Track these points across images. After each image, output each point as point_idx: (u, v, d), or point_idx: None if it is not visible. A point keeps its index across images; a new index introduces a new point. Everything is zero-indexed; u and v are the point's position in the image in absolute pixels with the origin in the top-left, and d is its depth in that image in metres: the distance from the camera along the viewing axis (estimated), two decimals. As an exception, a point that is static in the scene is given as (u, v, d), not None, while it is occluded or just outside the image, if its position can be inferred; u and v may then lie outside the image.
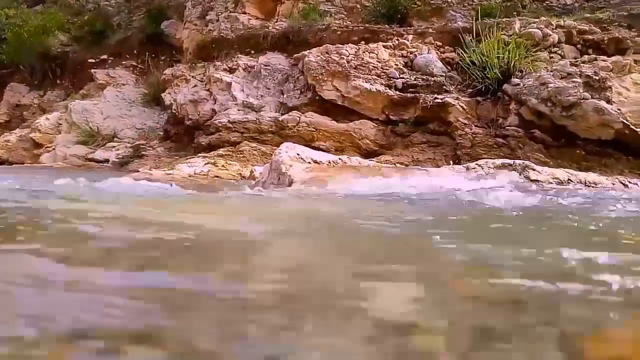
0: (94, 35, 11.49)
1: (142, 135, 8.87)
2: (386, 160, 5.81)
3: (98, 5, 12.70)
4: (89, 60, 10.96)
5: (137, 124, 9.17)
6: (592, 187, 4.02)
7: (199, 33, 9.26)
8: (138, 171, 6.27)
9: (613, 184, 4.33)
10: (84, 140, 8.72)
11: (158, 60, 10.25)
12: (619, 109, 5.32)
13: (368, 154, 6.16)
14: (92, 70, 10.58)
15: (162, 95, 8.66)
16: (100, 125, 8.94)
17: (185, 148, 7.83)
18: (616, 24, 6.61)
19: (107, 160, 8.08)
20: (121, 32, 11.71)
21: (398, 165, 5.46)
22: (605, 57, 6.02)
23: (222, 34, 8.69)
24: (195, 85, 8.22)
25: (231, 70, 7.84)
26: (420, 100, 6.24)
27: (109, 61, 10.96)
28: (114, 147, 8.47)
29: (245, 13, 8.96)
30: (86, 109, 9.26)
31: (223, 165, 6.13)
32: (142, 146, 8.26)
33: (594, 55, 6.15)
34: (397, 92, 6.43)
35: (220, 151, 6.79)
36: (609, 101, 5.37)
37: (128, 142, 8.59)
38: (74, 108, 9.26)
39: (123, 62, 10.80)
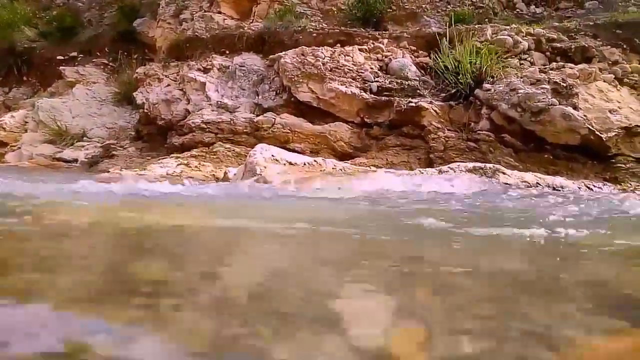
0: (63, 32, 11.15)
1: (112, 135, 8.66)
2: (361, 162, 5.84)
3: (68, 0, 12.35)
4: (58, 57, 10.63)
5: (107, 123, 8.94)
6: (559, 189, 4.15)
7: (173, 32, 9.11)
8: (108, 171, 6.12)
9: (579, 188, 4.48)
10: (52, 140, 8.45)
11: (130, 59, 10.02)
12: (585, 115, 5.50)
13: (343, 156, 6.18)
14: (61, 68, 10.27)
15: (134, 94, 8.48)
16: (69, 124, 8.69)
17: (158, 148, 7.69)
18: (582, 33, 6.84)
19: (75, 160, 7.85)
20: (92, 28, 11.42)
21: (372, 167, 5.49)
22: (572, 65, 6.22)
23: (196, 34, 8.58)
24: (169, 85, 8.08)
25: (205, 70, 7.75)
26: (395, 104, 6.30)
27: (79, 58, 10.67)
28: (83, 146, 8.23)
29: (220, 13, 8.87)
30: (54, 107, 8.98)
31: (196, 166, 6.05)
32: (112, 146, 8.06)
33: (562, 63, 6.34)
34: (372, 95, 6.48)
35: (194, 152, 6.69)
36: (575, 107, 5.54)
37: (98, 142, 8.37)
38: (42, 106, 8.97)
39: (93, 60, 10.54)
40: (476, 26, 7.13)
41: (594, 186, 4.77)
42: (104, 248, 1.43)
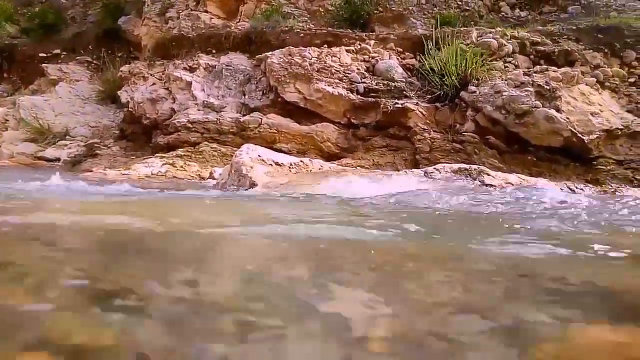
0: (46, 29, 10.98)
1: (96, 134, 8.55)
2: (347, 163, 5.85)
3: (50, -3, 12.16)
4: (40, 54, 10.46)
5: (91, 122, 8.82)
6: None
7: (159, 30, 9.03)
8: (91, 171, 6.04)
9: (561, 189, 4.54)
10: (33, 138, 8.30)
11: (114, 57, 9.91)
12: (567, 118, 5.60)
13: (330, 157, 6.19)
14: (44, 65, 10.10)
15: (119, 92, 8.38)
16: (51, 122, 8.54)
17: (142, 148, 7.61)
18: (565, 37, 6.95)
19: (58, 159, 7.72)
20: (75, 26, 11.26)
21: (359, 168, 5.51)
22: (555, 68, 6.32)
23: (182, 32, 8.51)
24: (154, 84, 8.00)
25: (191, 69, 7.69)
26: (381, 105, 6.33)
27: (62, 56, 10.50)
28: (65, 145, 8.11)
29: (206, 12, 8.82)
30: (36, 105, 8.83)
31: (181, 166, 6.00)
32: (96, 145, 7.95)
33: (545, 66, 6.44)
34: (359, 96, 6.50)
35: (179, 151, 6.64)
36: (558, 110, 5.63)
37: (81, 141, 8.25)
38: (23, 104, 8.81)
39: (77, 58, 10.39)
40: (462, 29, 7.20)
41: (576, 187, 4.85)
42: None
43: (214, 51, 7.96)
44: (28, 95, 9.51)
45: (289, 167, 4.25)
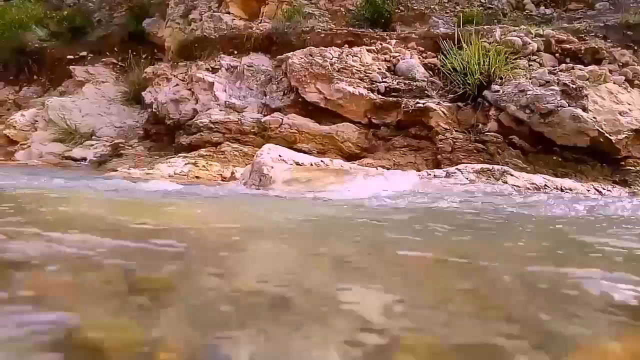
0: (74, 31, 11.27)
1: (121, 134, 8.73)
2: (368, 163, 5.83)
3: (78, 0, 12.48)
4: (68, 57, 10.75)
5: (116, 123, 9.01)
6: (568, 192, 4.11)
7: (182, 32, 9.16)
8: (116, 170, 6.17)
9: (588, 190, 4.44)
10: (61, 138, 8.53)
11: (139, 58, 10.10)
12: (594, 117, 5.46)
13: (350, 157, 6.18)
14: (71, 67, 10.37)
15: (143, 93, 8.54)
16: (78, 123, 8.77)
17: (166, 148, 7.73)
18: (592, 34, 6.79)
19: (84, 159, 7.92)
20: (102, 28, 11.53)
21: (379, 168, 5.49)
22: (582, 67, 6.17)
23: (205, 34, 8.62)
24: (177, 85, 8.13)
25: (214, 70, 7.79)
26: (402, 105, 6.29)
27: (89, 58, 10.77)
28: (92, 145, 8.31)
29: (228, 13, 8.91)
30: (64, 106, 9.07)
31: (204, 166, 6.08)
32: (121, 145, 8.12)
33: (572, 64, 6.29)
34: (380, 96, 6.47)
35: (201, 151, 6.73)
36: (585, 109, 5.50)
37: (107, 141, 8.44)
38: (51, 105, 9.06)
39: (103, 59, 10.63)
40: (485, 27, 7.10)
41: (603, 189, 4.73)
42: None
43: (235, 52, 8.04)
44: (56, 96, 9.78)
45: (310, 167, 4.27)
